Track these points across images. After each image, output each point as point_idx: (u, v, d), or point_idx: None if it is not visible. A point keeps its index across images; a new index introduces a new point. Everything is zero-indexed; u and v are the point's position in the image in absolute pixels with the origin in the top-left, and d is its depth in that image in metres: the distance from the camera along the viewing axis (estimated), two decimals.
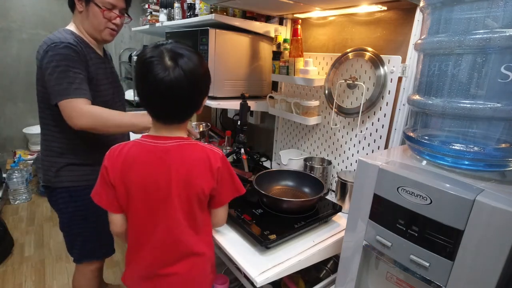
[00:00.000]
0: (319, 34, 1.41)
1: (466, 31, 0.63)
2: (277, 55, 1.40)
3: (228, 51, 1.42)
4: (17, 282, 1.79)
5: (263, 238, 0.90)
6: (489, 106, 0.61)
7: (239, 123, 1.40)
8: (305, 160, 1.36)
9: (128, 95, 1.45)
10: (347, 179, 1.14)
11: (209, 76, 0.79)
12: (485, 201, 0.56)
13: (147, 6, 2.15)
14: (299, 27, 1.28)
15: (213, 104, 1.42)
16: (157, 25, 1.88)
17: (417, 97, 0.76)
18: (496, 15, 0.59)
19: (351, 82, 1.22)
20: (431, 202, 0.63)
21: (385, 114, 1.16)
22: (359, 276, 0.85)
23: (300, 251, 0.92)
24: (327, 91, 1.33)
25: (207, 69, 0.77)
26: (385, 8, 1.10)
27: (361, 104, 1.19)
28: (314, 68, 1.32)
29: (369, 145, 1.23)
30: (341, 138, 1.34)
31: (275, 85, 1.65)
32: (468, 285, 0.60)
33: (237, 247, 0.93)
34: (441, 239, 0.62)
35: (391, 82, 1.12)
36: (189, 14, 1.65)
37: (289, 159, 1.42)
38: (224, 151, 1.74)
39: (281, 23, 1.55)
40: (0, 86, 2.87)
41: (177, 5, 1.72)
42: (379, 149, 1.20)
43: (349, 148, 1.32)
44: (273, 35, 1.47)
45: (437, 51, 0.70)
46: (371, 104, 1.17)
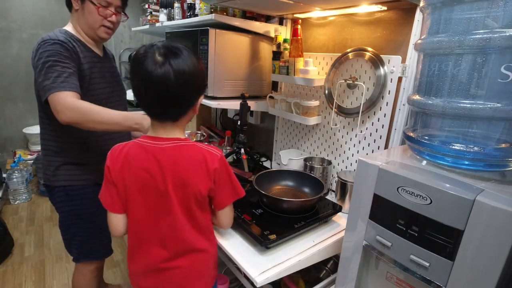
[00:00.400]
0: (319, 34, 1.41)
1: (466, 31, 0.63)
2: (277, 55, 1.40)
3: (228, 51, 1.42)
4: (17, 282, 1.79)
5: (263, 238, 0.90)
6: (489, 106, 0.61)
7: (239, 123, 1.40)
8: (305, 160, 1.36)
9: (128, 95, 1.45)
10: (347, 179, 1.14)
11: (202, 75, 0.77)
12: (485, 201, 0.56)
13: (147, 6, 2.14)
14: (299, 27, 1.28)
15: (213, 104, 1.42)
16: (157, 25, 1.88)
17: (417, 97, 0.76)
18: (496, 15, 0.59)
19: (351, 82, 1.22)
20: (431, 202, 0.63)
21: (385, 114, 1.16)
22: (359, 276, 0.85)
23: (300, 251, 0.92)
24: (327, 91, 1.33)
25: (199, 68, 0.76)
26: (385, 8, 1.10)
27: (361, 104, 1.19)
28: (314, 68, 1.32)
29: (369, 145, 1.23)
30: (341, 138, 1.34)
31: (275, 85, 1.65)
32: (468, 285, 0.60)
33: (237, 247, 0.93)
34: (441, 239, 0.62)
35: (391, 82, 1.12)
36: (189, 14, 1.65)
37: (289, 159, 1.42)
38: (224, 151, 1.74)
39: (281, 23, 1.55)
40: (0, 86, 2.87)
41: (177, 5, 1.72)
42: (379, 149, 1.20)
43: (349, 148, 1.32)
44: (273, 35, 1.47)
45: (437, 51, 0.70)
46: (371, 104, 1.17)
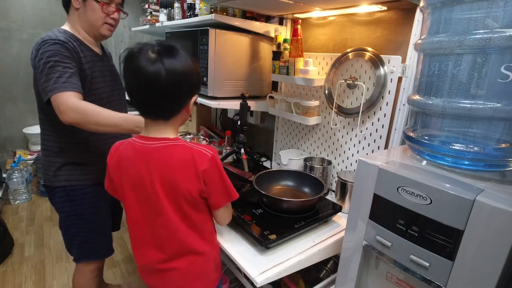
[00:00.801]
0: (319, 34, 1.41)
1: (466, 31, 0.63)
2: (277, 55, 1.40)
3: (228, 51, 1.42)
4: (17, 282, 1.79)
5: (263, 238, 0.90)
6: (489, 106, 0.61)
7: (239, 123, 1.40)
8: (305, 160, 1.36)
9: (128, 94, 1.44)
10: (347, 179, 1.14)
11: (196, 75, 0.76)
12: (485, 201, 0.56)
13: (147, 6, 2.15)
14: (299, 27, 1.28)
15: (213, 104, 1.42)
16: (157, 25, 1.88)
17: (417, 97, 0.76)
18: (496, 15, 0.59)
19: (351, 82, 1.22)
20: (431, 202, 0.63)
21: (385, 114, 1.16)
22: (359, 276, 0.85)
23: (300, 251, 0.92)
24: (327, 91, 1.33)
25: (193, 68, 0.75)
26: (385, 8, 1.10)
27: (361, 104, 1.19)
28: (314, 68, 1.32)
29: (369, 145, 1.23)
30: (341, 138, 1.34)
31: (275, 85, 1.65)
32: (468, 285, 0.60)
33: (237, 247, 0.93)
34: (441, 239, 0.62)
35: (391, 82, 1.12)
36: (189, 14, 1.65)
37: (289, 159, 1.42)
38: (224, 151, 1.74)
39: (281, 23, 1.55)
40: (0, 86, 2.87)
41: (177, 5, 1.72)
42: (379, 149, 1.20)
43: (349, 148, 1.32)
44: (273, 35, 1.47)
45: (437, 51, 0.70)
46: (371, 104, 1.17)
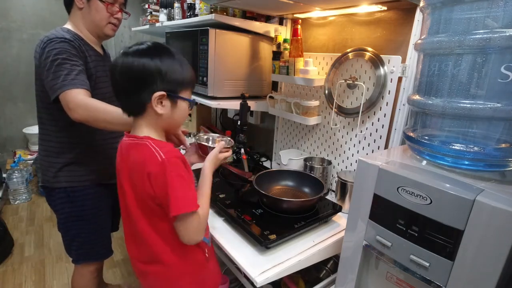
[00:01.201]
0: (319, 34, 1.41)
1: (466, 31, 0.63)
2: (277, 55, 1.40)
3: (228, 51, 1.42)
4: (17, 282, 1.78)
5: (263, 238, 0.90)
6: (489, 106, 0.61)
7: (239, 123, 1.40)
8: (305, 160, 1.36)
9: None
10: (347, 179, 1.14)
11: (155, 73, 0.70)
12: (485, 201, 0.56)
13: (147, 6, 2.14)
14: (299, 27, 1.28)
15: (213, 104, 1.42)
16: (157, 25, 1.88)
17: (417, 97, 0.76)
18: (496, 15, 0.59)
19: (351, 82, 1.22)
20: (431, 202, 0.63)
21: (385, 114, 1.16)
22: (359, 276, 0.85)
23: (300, 251, 0.92)
24: (327, 91, 1.33)
25: (153, 66, 0.70)
26: (385, 8, 1.10)
27: (361, 104, 1.19)
28: (314, 68, 1.32)
29: (369, 145, 1.23)
30: (341, 138, 1.34)
31: (275, 85, 1.65)
32: (468, 285, 0.60)
33: (237, 247, 0.93)
34: (441, 239, 0.62)
35: (391, 82, 1.12)
36: (189, 14, 1.65)
37: (289, 159, 1.42)
38: None
39: (281, 23, 1.55)
40: (0, 86, 2.87)
41: (177, 5, 1.72)
42: (379, 149, 1.20)
43: (349, 148, 1.32)
44: (273, 35, 1.47)
45: (437, 51, 0.70)
46: (371, 104, 1.17)
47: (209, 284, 0.89)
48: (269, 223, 0.99)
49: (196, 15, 1.58)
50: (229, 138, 1.01)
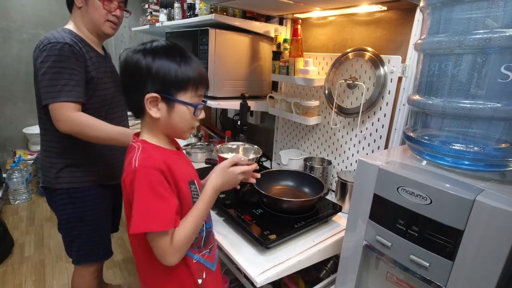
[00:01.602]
0: (319, 34, 1.41)
1: (466, 31, 0.63)
2: (277, 55, 1.40)
3: (228, 51, 1.42)
4: (17, 282, 1.78)
5: (263, 238, 0.90)
6: (489, 106, 0.61)
7: (239, 123, 1.40)
8: (305, 160, 1.36)
9: None
10: (347, 179, 1.14)
11: (150, 75, 0.65)
12: (485, 201, 0.56)
13: (147, 6, 2.14)
14: (299, 27, 1.28)
15: (213, 104, 1.42)
16: (157, 25, 1.88)
17: (417, 97, 0.76)
18: (496, 15, 0.59)
19: (351, 82, 1.22)
20: (431, 202, 0.63)
21: (385, 114, 1.16)
22: (359, 276, 0.85)
23: (300, 251, 0.92)
24: (327, 91, 1.33)
25: (141, 62, 0.65)
26: (385, 8, 1.10)
27: (361, 104, 1.19)
28: (314, 68, 1.32)
29: (369, 145, 1.23)
30: (341, 138, 1.34)
31: (275, 85, 1.65)
32: (468, 285, 0.60)
33: (237, 247, 0.93)
34: (441, 239, 0.62)
35: (391, 82, 1.12)
36: (189, 14, 1.65)
37: (289, 159, 1.42)
38: None
39: (281, 23, 1.55)
40: (0, 86, 2.87)
41: (177, 5, 1.72)
42: (379, 149, 1.20)
43: (349, 148, 1.32)
44: (273, 35, 1.47)
45: (437, 51, 0.70)
46: (371, 104, 1.17)
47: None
48: (269, 223, 0.99)
49: (196, 15, 1.58)
50: (256, 147, 0.85)
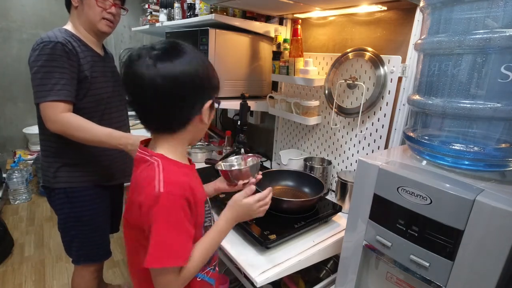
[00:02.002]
0: (319, 34, 1.41)
1: (466, 31, 0.63)
2: (277, 55, 1.40)
3: (228, 51, 1.42)
4: (17, 282, 1.78)
5: (263, 238, 0.90)
6: (489, 106, 0.61)
7: (239, 123, 1.39)
8: (305, 160, 1.36)
9: None
10: (347, 179, 1.14)
11: (203, 77, 0.63)
12: (485, 201, 0.56)
13: (147, 6, 2.14)
14: (299, 27, 1.28)
15: None
16: (157, 25, 1.88)
17: (417, 97, 0.76)
18: (496, 15, 0.59)
19: (351, 82, 1.22)
20: (431, 202, 0.63)
21: (385, 114, 1.16)
22: (359, 276, 0.85)
23: (300, 251, 0.92)
24: (327, 91, 1.33)
25: (197, 69, 0.62)
26: (385, 8, 1.10)
27: (361, 104, 1.19)
28: (314, 68, 1.32)
29: (369, 145, 1.23)
30: (341, 138, 1.34)
31: (275, 85, 1.65)
32: (468, 285, 0.61)
33: (237, 247, 0.93)
34: (441, 239, 0.62)
35: (391, 82, 1.12)
36: (189, 14, 1.65)
37: (289, 159, 1.42)
38: (224, 151, 1.74)
39: (281, 23, 1.55)
40: (0, 86, 2.87)
41: (177, 5, 1.72)
42: (379, 149, 1.20)
43: (349, 148, 1.32)
44: (273, 35, 1.47)
45: (437, 51, 0.70)
46: (371, 104, 1.17)
47: None
48: (269, 223, 0.99)
49: (196, 15, 1.58)
50: (256, 158, 0.82)
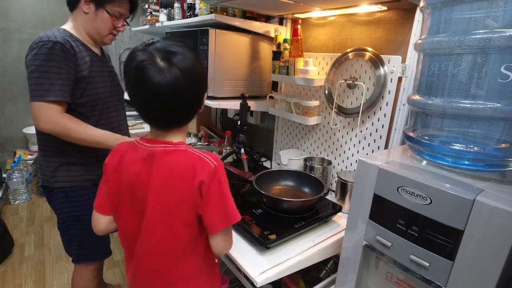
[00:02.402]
0: (319, 34, 1.41)
1: (466, 31, 0.63)
2: (277, 55, 1.40)
3: (228, 51, 1.42)
4: (17, 282, 1.78)
5: (263, 238, 0.90)
6: (489, 106, 0.61)
7: (239, 123, 1.40)
8: (305, 160, 1.36)
9: (126, 95, 1.45)
10: (347, 179, 1.14)
11: (204, 69, 0.73)
12: (485, 201, 0.56)
13: (147, 6, 2.14)
14: (299, 27, 1.28)
15: (213, 104, 1.42)
16: (157, 25, 1.88)
17: (417, 97, 0.76)
18: (496, 15, 0.59)
19: (351, 82, 1.22)
20: (431, 202, 0.63)
21: (385, 114, 1.16)
22: (359, 276, 0.85)
23: (300, 251, 0.92)
24: (327, 91, 1.33)
25: (201, 62, 0.71)
26: (385, 8, 1.10)
27: (361, 104, 1.19)
28: (314, 68, 1.32)
29: (369, 145, 1.23)
30: (341, 138, 1.34)
31: (275, 85, 1.65)
32: (468, 285, 0.60)
33: (237, 247, 0.93)
34: (441, 239, 0.62)
35: (391, 82, 1.12)
36: (189, 14, 1.65)
37: (289, 159, 1.42)
38: (224, 151, 1.74)
39: (281, 23, 1.55)
40: (0, 86, 2.87)
41: (177, 5, 1.72)
42: (379, 149, 1.20)
43: (349, 148, 1.32)
44: (273, 35, 1.47)
45: (437, 51, 0.70)
46: (371, 104, 1.17)
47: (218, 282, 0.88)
48: (269, 223, 0.99)
49: (196, 15, 1.58)
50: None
